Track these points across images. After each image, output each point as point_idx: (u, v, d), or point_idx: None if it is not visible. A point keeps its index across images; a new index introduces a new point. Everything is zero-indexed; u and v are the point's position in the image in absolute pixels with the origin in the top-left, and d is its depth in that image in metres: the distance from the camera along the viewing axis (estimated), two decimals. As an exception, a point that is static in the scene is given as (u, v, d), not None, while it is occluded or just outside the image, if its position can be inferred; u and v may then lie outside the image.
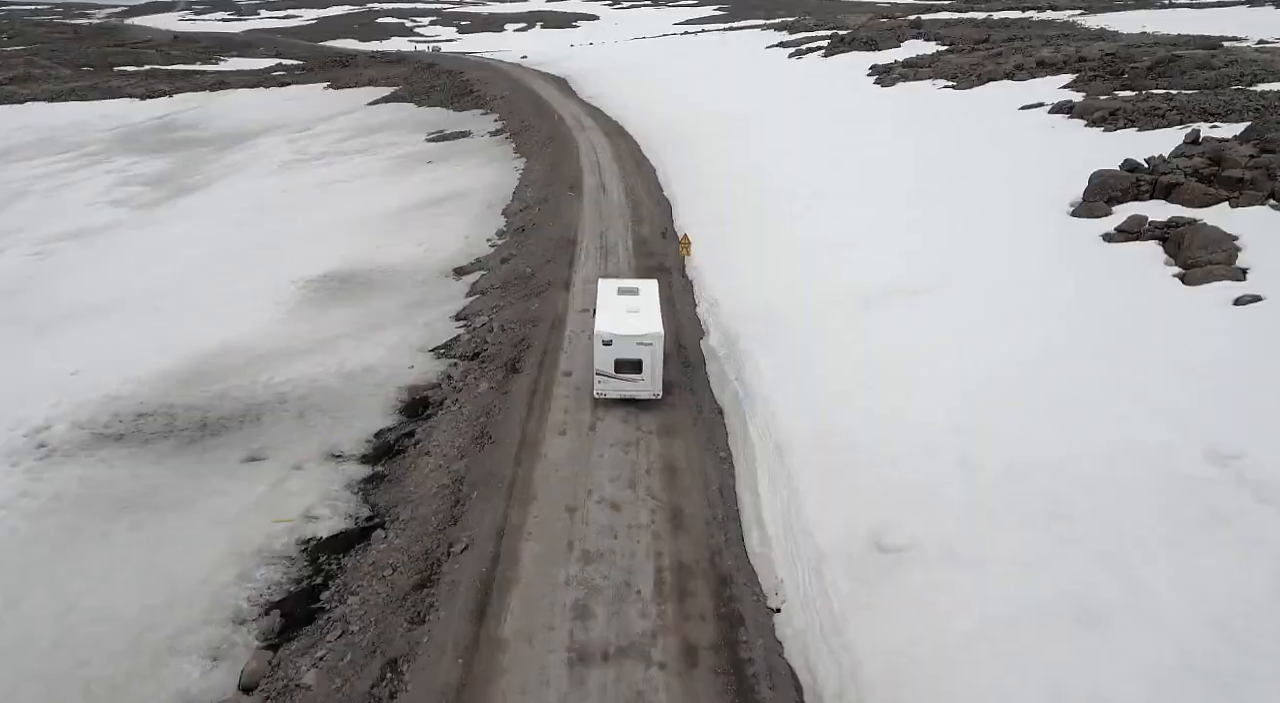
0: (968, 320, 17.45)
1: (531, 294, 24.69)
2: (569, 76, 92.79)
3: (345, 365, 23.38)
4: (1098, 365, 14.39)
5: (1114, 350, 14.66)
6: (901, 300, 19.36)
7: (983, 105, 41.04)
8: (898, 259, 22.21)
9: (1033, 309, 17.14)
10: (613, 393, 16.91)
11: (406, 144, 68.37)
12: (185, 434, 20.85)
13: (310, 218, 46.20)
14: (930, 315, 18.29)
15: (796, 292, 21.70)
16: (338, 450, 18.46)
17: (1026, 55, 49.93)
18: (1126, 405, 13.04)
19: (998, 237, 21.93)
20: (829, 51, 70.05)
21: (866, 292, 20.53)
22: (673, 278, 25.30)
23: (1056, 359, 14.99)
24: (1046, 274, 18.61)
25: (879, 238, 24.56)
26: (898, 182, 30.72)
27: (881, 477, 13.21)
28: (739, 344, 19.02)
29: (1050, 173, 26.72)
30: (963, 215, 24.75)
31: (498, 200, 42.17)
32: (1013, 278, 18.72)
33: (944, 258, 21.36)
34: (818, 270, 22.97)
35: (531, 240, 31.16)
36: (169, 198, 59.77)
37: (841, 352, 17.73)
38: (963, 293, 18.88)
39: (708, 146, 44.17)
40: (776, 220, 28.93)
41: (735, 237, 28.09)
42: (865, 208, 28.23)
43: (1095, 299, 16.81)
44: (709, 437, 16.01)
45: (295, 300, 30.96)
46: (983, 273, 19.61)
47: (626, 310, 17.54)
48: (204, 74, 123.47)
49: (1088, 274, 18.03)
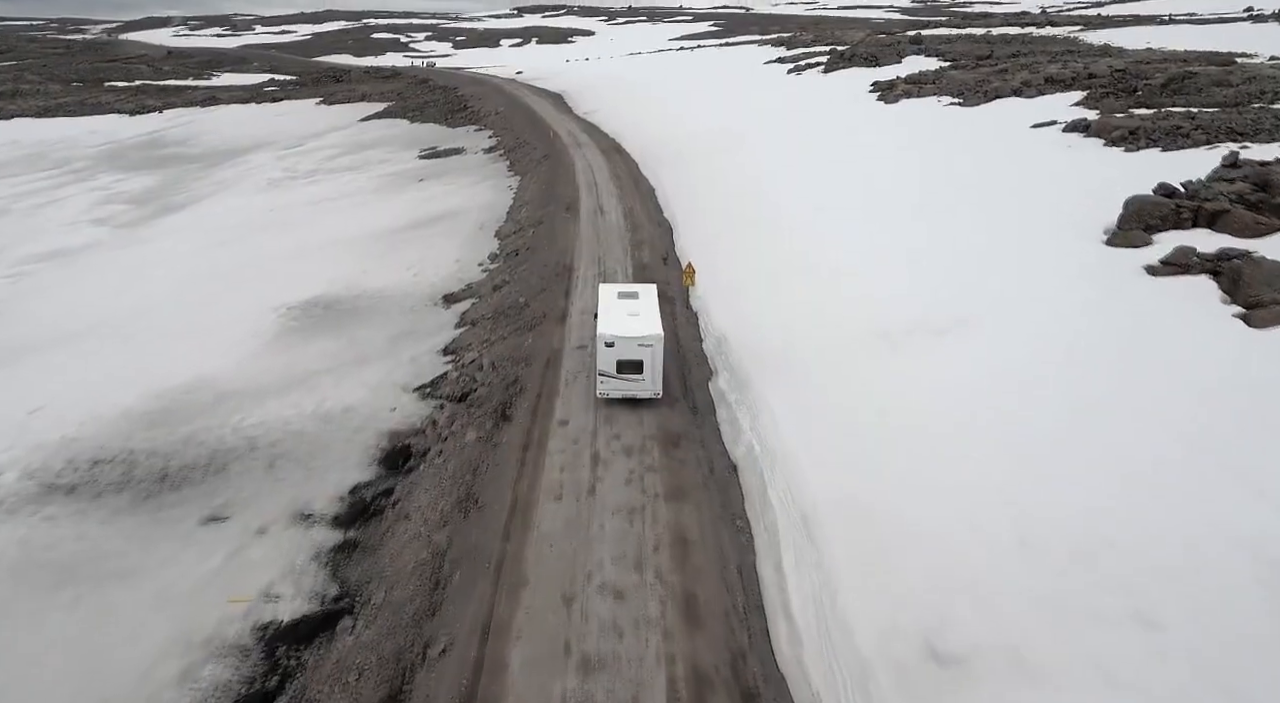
0: (1005, 363, 15.74)
1: (525, 327, 22.93)
2: (565, 92, 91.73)
3: (323, 406, 21.53)
4: (1167, 424, 12.67)
5: (1184, 407, 12.94)
6: (927, 339, 17.66)
7: (992, 123, 39.68)
8: (917, 289, 20.55)
9: (1080, 352, 15.44)
10: (615, 392, 17.45)
11: (398, 161, 66.89)
12: (143, 487, 18.94)
13: (298, 238, 44.49)
14: (962, 357, 16.58)
15: (811, 325, 19.99)
16: (308, 510, 16.57)
17: (1033, 72, 48.78)
18: (1211, 476, 11.31)
19: (1027, 265, 20.29)
20: (829, 67, 69.04)
21: (887, 326, 18.83)
22: (676, 309, 23.58)
23: (1116, 416, 13.27)
24: (1089, 311, 16.93)
25: (894, 264, 22.94)
26: (907, 202, 29.18)
27: (926, 557, 11.41)
28: (751, 388, 17.26)
29: (1072, 195, 25.22)
30: (984, 240, 23.16)
31: (491, 221, 40.55)
32: (1051, 315, 17.04)
33: (969, 288, 19.70)
34: (832, 300, 21.29)
35: (525, 266, 29.45)
36: (153, 216, 58.10)
37: (866, 398, 15.99)
38: (996, 330, 17.19)
39: (708, 164, 42.71)
40: (783, 243, 27.30)
41: (741, 261, 26.45)
42: (877, 230, 26.65)
43: (1150, 343, 15.11)
44: (723, 500, 14.20)
45: (275, 330, 29.13)
46: (1016, 307, 17.93)
47: (627, 314, 18.18)
48: (195, 89, 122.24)
49: (1137, 313, 16.35)
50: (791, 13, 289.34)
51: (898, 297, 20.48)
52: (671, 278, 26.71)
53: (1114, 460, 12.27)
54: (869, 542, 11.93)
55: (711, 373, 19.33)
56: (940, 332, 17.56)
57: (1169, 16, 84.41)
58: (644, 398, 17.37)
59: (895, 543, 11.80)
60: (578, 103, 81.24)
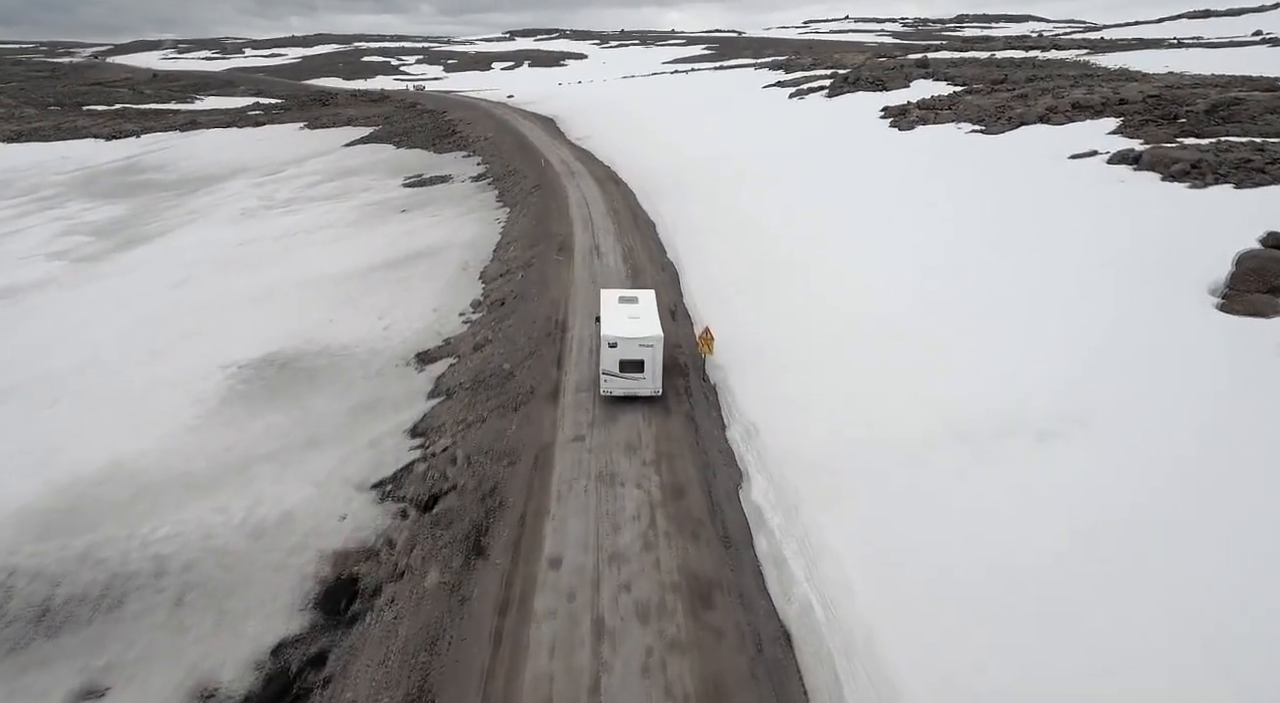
0: (1148, 494, 11.83)
1: (509, 406, 18.91)
2: (557, 117, 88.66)
3: (255, 512, 17.37)
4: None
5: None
6: (1025, 444, 13.76)
7: (1023, 153, 36.27)
8: (997, 366, 16.70)
9: (1251, 481, 11.55)
10: (618, 391, 18.32)
11: (381, 190, 63.24)
12: (13, 630, 14.70)
13: (265, 278, 40.47)
14: (1079, 479, 12.64)
15: (865, 413, 16.07)
16: (211, 683, 12.38)
17: (1057, 97, 45.66)
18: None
19: (1127, 338, 16.49)
20: (833, 91, 66.11)
21: (966, 421, 14.93)
22: (690, 382, 19.57)
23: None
24: (1240, 411, 13.10)
25: (955, 328, 19.13)
26: (950, 245, 25.54)
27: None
28: (800, 512, 13.25)
29: (1150, 242, 21.60)
30: (1060, 301, 19.40)
31: (475, 260, 36.73)
32: (1192, 418, 13.19)
33: (1068, 372, 15.72)
34: (888, 377, 17.40)
35: (512, 320, 25.51)
36: (116, 249, 54.06)
37: (954, 534, 12.04)
38: (1119, 439, 13.29)
39: (712, 196, 39.14)
40: (812, 294, 23.50)
41: (766, 318, 22.59)
42: (922, 280, 22.93)
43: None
44: (781, 697, 10.13)
45: (219, 395, 25.02)
46: (1136, 402, 14.08)
47: (628, 316, 19.11)
48: (177, 113, 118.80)
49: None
50: (784, 36, 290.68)
51: (972, 375, 16.63)
52: (682, 337, 22.75)
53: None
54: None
55: (741, 477, 15.32)
56: (1041, 435, 13.66)
57: (1177, 40, 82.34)
58: (645, 395, 18.25)
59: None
60: (570, 128, 78.07)
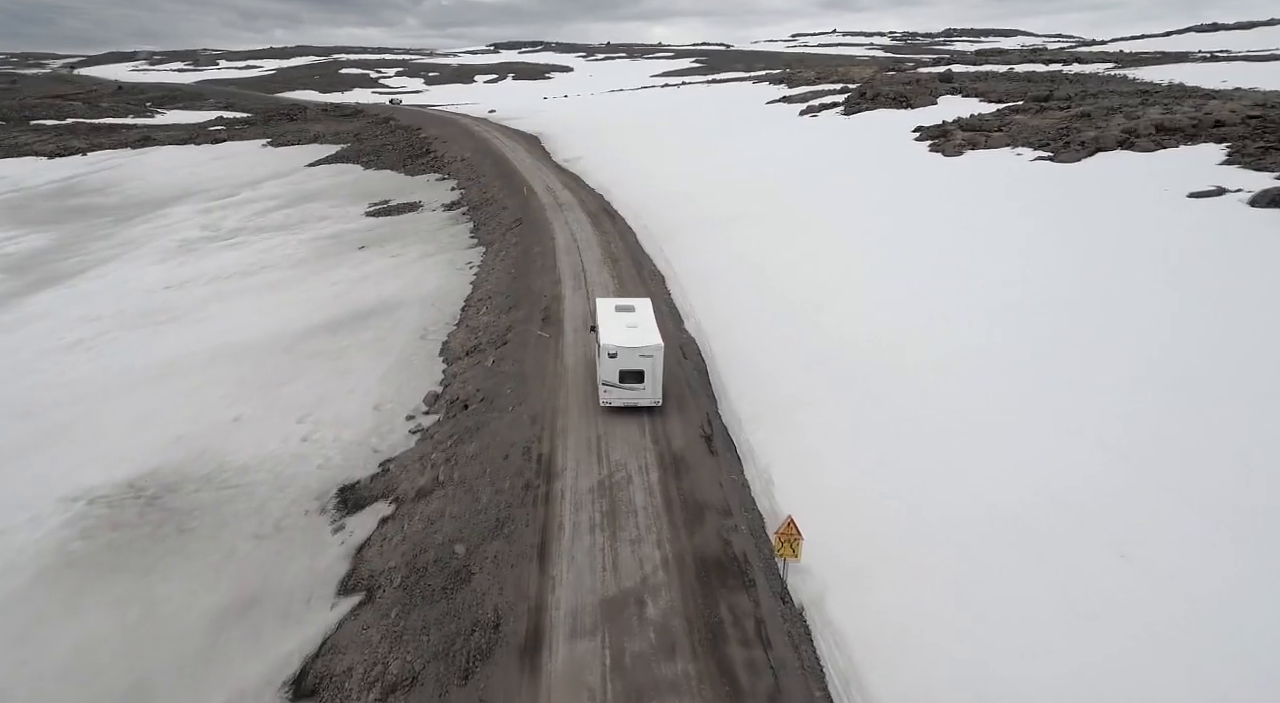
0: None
1: (453, 666, 11.02)
2: (542, 134, 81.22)
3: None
4: None
5: None
6: None
7: (1118, 190, 29.11)
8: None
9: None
10: (617, 401, 17.86)
11: (340, 219, 55.30)
12: None
13: (174, 343, 32.39)
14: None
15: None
16: None
17: (1130, 117, 38.78)
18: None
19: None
20: (849, 109, 59.16)
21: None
22: (760, 607, 11.77)
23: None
24: None
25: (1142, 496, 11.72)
26: (1063, 322, 18.31)
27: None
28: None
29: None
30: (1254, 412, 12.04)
31: (438, 326, 28.94)
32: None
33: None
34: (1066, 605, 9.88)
35: (475, 444, 17.71)
36: (22, 293, 45.73)
37: None
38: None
39: (733, 239, 31.61)
40: (920, 415, 15.93)
41: (872, 477, 14.98)
42: (1056, 391, 15.51)
43: None
44: None
45: (40, 560, 17.14)
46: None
47: (626, 326, 18.83)
48: (131, 129, 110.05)
49: None
50: (773, 49, 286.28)
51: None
52: (728, 487, 14.92)
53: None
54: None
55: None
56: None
57: (1210, 53, 76.63)
58: (644, 405, 17.52)
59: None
60: (557, 148, 70.57)
